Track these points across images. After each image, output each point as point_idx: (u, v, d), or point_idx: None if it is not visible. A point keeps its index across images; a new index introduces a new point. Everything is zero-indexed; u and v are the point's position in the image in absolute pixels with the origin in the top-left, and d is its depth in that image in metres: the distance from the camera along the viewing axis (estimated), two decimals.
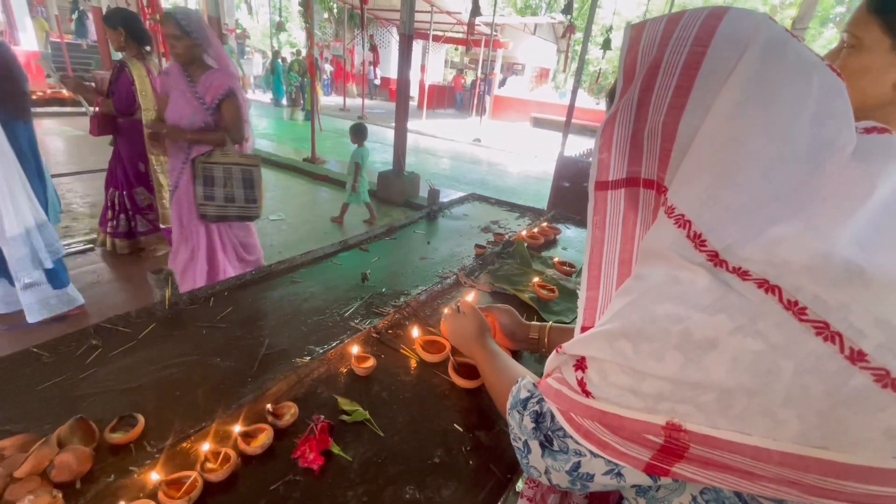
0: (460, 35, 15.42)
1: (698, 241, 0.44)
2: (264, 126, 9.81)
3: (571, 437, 0.52)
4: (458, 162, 8.24)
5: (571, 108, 4.96)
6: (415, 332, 1.12)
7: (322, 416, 0.83)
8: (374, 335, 1.14)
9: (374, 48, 15.42)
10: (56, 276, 2.34)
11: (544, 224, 1.99)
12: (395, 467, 0.78)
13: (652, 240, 0.49)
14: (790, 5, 17.57)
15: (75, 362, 0.94)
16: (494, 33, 14.33)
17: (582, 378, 0.51)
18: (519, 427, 0.60)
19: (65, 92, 3.02)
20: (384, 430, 0.85)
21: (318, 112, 7.78)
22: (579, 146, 5.80)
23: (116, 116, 2.70)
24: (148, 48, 2.71)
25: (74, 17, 10.33)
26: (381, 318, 1.21)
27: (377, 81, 17.76)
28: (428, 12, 12.03)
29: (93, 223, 3.51)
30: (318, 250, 1.59)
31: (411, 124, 12.20)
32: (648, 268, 0.48)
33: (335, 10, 17.07)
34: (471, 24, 8.47)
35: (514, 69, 18.32)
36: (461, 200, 2.40)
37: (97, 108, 2.78)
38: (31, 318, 2.26)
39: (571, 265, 1.64)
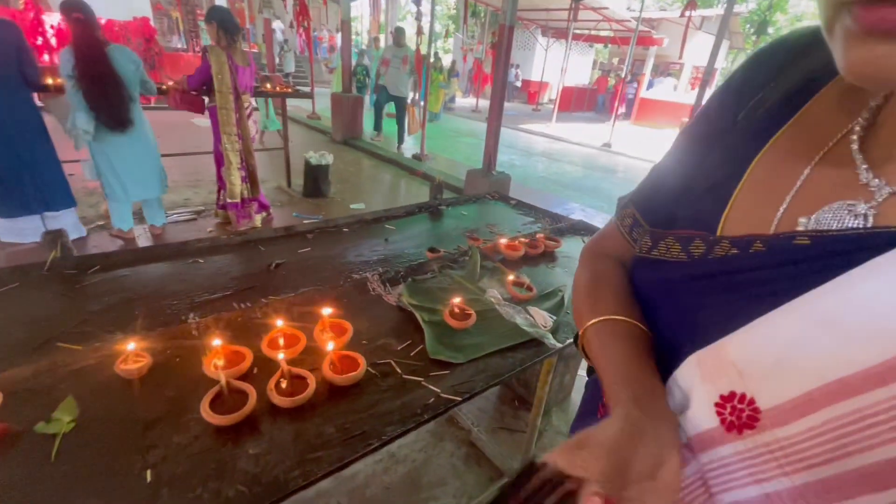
0: (607, 33, 14.25)
1: None
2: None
3: None
4: (574, 167, 7.59)
5: (696, 108, 4.08)
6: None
7: None
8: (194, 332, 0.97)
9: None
10: None
11: (539, 234, 1.56)
12: None
13: None
14: None
15: None
16: (646, 28, 12.86)
17: None
18: None
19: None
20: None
21: (421, 111, 7.81)
22: None
23: (187, 91, 3.02)
24: (235, 37, 2.98)
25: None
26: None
27: (518, 83, 17.51)
28: (567, 10, 11.33)
29: (176, 198, 4.02)
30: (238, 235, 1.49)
31: (537, 127, 11.73)
32: None
33: (482, 14, 17.33)
34: (575, 10, 7.94)
35: (670, 69, 16.23)
36: (474, 198, 2.08)
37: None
38: None
39: (530, 287, 1.23)
